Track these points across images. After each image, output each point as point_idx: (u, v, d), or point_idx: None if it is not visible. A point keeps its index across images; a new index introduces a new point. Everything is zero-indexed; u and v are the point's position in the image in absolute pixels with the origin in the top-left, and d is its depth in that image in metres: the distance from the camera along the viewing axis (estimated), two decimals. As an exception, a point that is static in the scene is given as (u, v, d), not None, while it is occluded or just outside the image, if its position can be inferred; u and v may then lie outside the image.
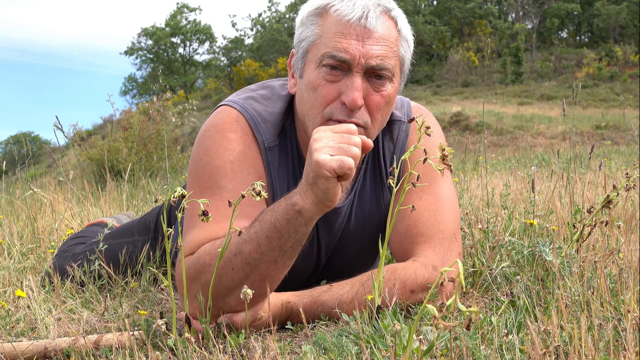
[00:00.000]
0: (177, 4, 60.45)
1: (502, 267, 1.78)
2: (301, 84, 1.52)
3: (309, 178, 1.30)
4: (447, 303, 0.87)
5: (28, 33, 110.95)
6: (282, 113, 1.60)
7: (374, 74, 1.46)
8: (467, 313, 0.85)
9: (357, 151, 1.29)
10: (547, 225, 2.09)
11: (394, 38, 1.49)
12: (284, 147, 1.60)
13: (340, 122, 1.45)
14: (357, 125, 1.45)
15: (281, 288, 1.46)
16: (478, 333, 1.20)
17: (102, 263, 2.01)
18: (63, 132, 3.60)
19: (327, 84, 1.46)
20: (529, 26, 50.95)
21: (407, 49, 1.54)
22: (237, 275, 1.35)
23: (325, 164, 1.27)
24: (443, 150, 1.23)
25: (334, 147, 1.29)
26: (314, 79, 1.47)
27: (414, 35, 1.58)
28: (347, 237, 1.68)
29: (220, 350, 1.25)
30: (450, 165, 1.24)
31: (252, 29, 60.11)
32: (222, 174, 1.50)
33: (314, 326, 1.44)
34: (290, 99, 1.62)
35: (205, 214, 1.26)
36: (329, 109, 1.46)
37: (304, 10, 1.54)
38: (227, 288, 1.36)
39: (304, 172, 1.33)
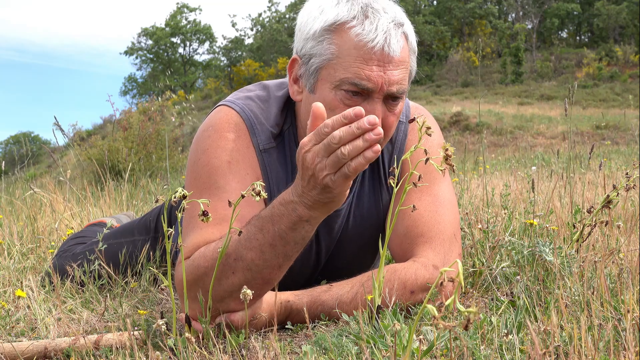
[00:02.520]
0: (177, 4, 60.49)
1: (502, 267, 1.78)
2: (312, 99, 1.48)
3: (321, 197, 1.26)
4: (446, 303, 0.87)
5: (27, 33, 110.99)
6: (278, 115, 1.59)
7: (391, 97, 1.45)
8: (466, 313, 0.85)
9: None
10: (547, 225, 2.09)
11: (408, 55, 1.47)
12: (281, 149, 1.60)
13: None
14: None
15: (281, 288, 1.46)
16: (478, 333, 1.20)
17: (102, 263, 2.01)
18: (63, 131, 3.60)
19: (345, 107, 1.40)
20: (529, 26, 50.97)
21: (414, 59, 1.52)
22: (238, 279, 1.35)
23: (305, 157, 1.24)
24: (446, 150, 1.22)
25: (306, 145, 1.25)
26: (330, 100, 1.43)
27: (416, 36, 1.57)
28: (346, 238, 1.68)
29: (220, 350, 1.25)
30: (453, 165, 1.23)
31: (252, 29, 60.17)
32: (221, 174, 1.50)
33: (314, 326, 1.44)
34: (286, 100, 1.61)
35: (205, 214, 1.26)
36: None
37: (315, 23, 1.46)
38: (226, 291, 1.36)
39: (308, 188, 1.28)
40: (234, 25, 67.12)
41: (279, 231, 1.31)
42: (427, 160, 1.25)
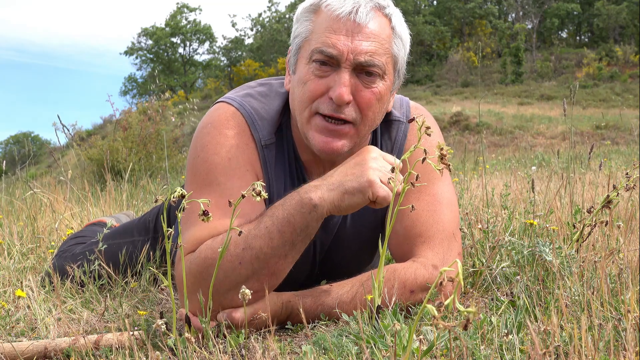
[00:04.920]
0: (177, 4, 60.52)
1: (502, 267, 1.77)
2: (294, 80, 1.54)
3: (348, 186, 1.35)
4: (445, 303, 0.87)
5: (27, 33, 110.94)
6: (279, 111, 1.60)
7: (364, 71, 1.46)
8: (465, 313, 0.85)
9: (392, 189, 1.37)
10: (547, 225, 2.09)
11: (386, 35, 1.49)
12: (280, 145, 1.61)
13: (326, 116, 1.47)
14: (346, 121, 1.47)
15: (280, 288, 1.46)
16: (478, 333, 1.20)
17: (102, 263, 2.01)
18: (64, 131, 3.60)
19: (316, 78, 1.47)
20: (529, 26, 50.98)
21: (401, 48, 1.53)
22: (245, 270, 1.36)
23: (376, 187, 1.35)
24: (441, 149, 1.22)
25: (385, 176, 1.38)
26: (304, 74, 1.48)
27: (412, 34, 1.58)
28: (344, 236, 1.68)
29: (220, 350, 1.25)
30: (449, 165, 1.23)
31: (252, 29, 60.21)
32: (220, 170, 1.50)
33: (314, 326, 1.44)
34: (288, 97, 1.62)
35: (205, 213, 1.26)
36: (316, 103, 1.47)
37: (299, 8, 1.56)
38: (232, 283, 1.36)
39: (341, 174, 1.39)
40: (234, 25, 67.17)
41: (288, 216, 1.36)
42: (424, 160, 1.25)
